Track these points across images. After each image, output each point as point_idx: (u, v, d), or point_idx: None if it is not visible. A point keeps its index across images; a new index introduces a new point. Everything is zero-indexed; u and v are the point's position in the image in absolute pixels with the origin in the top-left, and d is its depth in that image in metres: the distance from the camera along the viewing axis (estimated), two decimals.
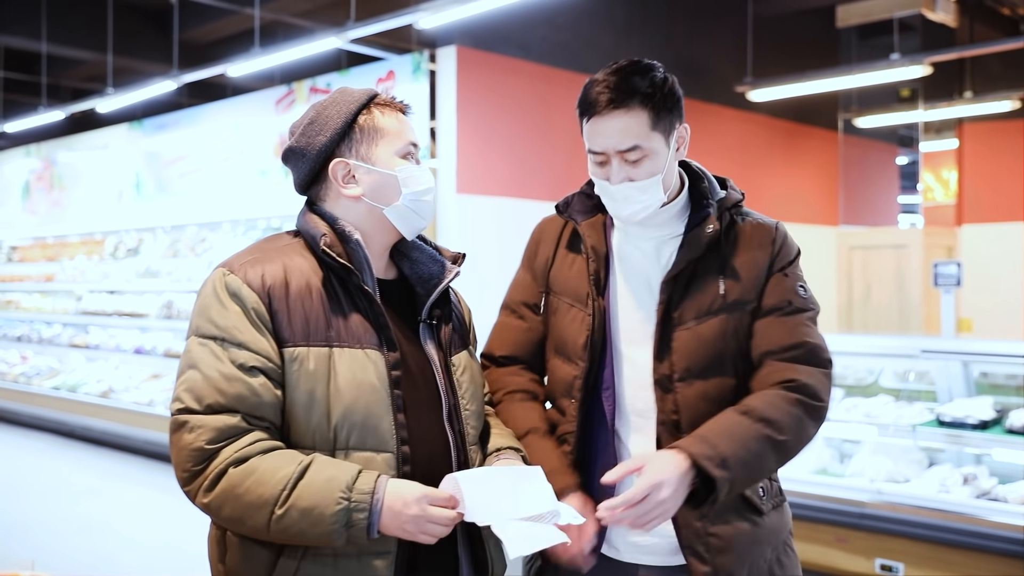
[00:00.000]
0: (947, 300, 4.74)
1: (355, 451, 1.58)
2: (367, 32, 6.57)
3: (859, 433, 4.45)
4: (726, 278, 1.76)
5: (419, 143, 1.78)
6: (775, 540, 1.80)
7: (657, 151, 1.72)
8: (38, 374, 10.00)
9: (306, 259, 1.66)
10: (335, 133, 1.68)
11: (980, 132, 10.36)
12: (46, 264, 10.61)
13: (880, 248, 9.43)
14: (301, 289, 1.62)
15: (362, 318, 1.64)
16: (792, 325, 1.76)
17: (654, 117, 1.70)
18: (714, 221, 1.77)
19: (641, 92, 1.68)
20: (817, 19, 10.08)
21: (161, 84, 8.36)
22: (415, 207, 1.71)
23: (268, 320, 1.58)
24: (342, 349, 1.60)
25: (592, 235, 1.84)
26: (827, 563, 4.18)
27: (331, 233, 1.66)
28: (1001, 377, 4.73)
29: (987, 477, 4.09)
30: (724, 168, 1.92)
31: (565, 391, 1.84)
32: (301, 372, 1.57)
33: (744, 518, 1.74)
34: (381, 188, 1.70)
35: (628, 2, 8.23)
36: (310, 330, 1.59)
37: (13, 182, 11.40)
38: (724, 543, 1.71)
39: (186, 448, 1.52)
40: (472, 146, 6.73)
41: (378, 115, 1.71)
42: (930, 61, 7.72)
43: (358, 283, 1.64)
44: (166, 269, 8.66)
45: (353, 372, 1.59)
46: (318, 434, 1.58)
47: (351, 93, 1.73)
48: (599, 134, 1.71)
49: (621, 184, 1.72)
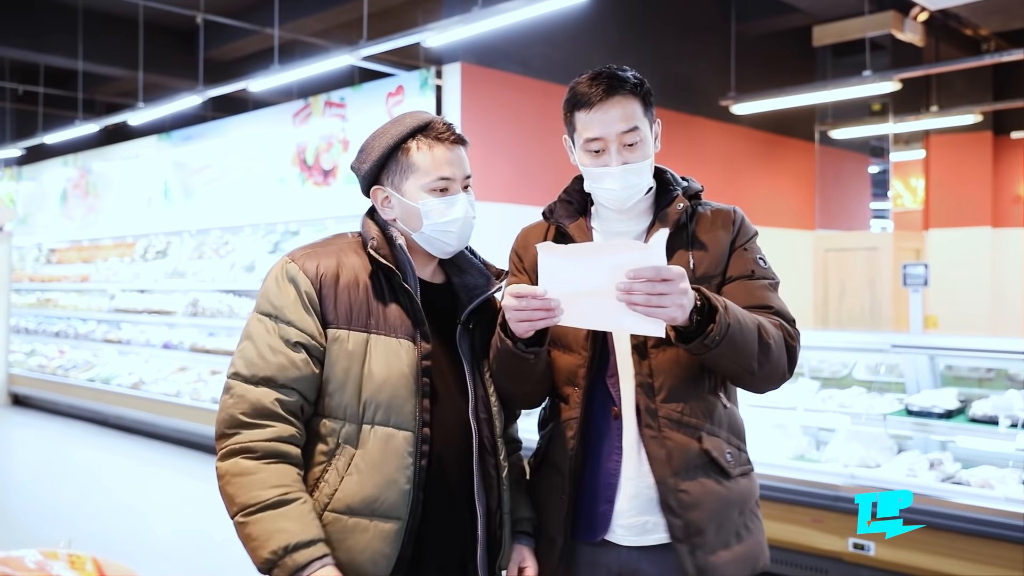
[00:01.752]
0: (915, 299, 4.74)
1: (380, 426, 1.67)
2: (378, 50, 6.57)
3: (834, 422, 4.45)
4: (695, 253, 1.80)
5: (457, 175, 1.78)
6: (742, 505, 1.81)
7: (647, 137, 1.78)
8: (75, 367, 10.01)
9: (359, 256, 1.77)
10: (374, 164, 1.78)
11: (945, 143, 10.36)
12: (82, 265, 10.61)
13: (853, 251, 9.43)
14: (350, 281, 1.73)
15: (401, 312, 1.73)
16: (755, 288, 1.80)
17: (643, 105, 1.78)
18: (683, 200, 1.82)
19: (630, 83, 1.76)
20: (795, 38, 10.08)
21: (187, 99, 8.37)
22: (438, 236, 1.77)
23: (317, 304, 1.70)
24: (378, 336, 1.70)
25: (579, 235, 1.86)
26: (804, 542, 4.18)
27: (380, 237, 1.77)
28: (964, 370, 4.73)
29: (951, 462, 4.09)
30: (709, 176, 1.95)
31: (568, 379, 1.83)
32: (340, 351, 1.68)
33: (712, 478, 1.75)
34: (408, 217, 1.78)
35: (621, 22, 8.23)
36: (352, 316, 1.70)
37: (52, 190, 11.40)
38: (694, 499, 1.72)
39: (224, 411, 1.66)
40: (475, 155, 6.69)
41: (414, 150, 1.76)
42: (899, 78, 7.72)
43: (400, 282, 1.73)
44: (192, 270, 8.65)
45: (386, 357, 1.69)
46: (349, 408, 1.68)
47: (400, 123, 1.78)
48: (599, 122, 1.75)
49: (621, 167, 1.75)
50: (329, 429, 1.68)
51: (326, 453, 1.68)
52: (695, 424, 1.75)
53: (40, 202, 11.65)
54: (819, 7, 8.74)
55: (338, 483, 1.65)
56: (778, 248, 10.07)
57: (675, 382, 1.75)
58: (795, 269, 9.68)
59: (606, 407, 1.81)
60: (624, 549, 1.80)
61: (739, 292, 1.78)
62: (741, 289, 1.79)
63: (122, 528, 5.56)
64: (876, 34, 8.58)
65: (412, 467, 1.67)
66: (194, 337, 8.75)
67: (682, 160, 8.66)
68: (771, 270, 1.85)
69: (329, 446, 1.68)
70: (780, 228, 10.12)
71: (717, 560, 1.73)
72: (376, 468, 1.65)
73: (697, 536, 1.72)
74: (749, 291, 1.79)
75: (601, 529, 1.80)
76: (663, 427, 1.74)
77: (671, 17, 8.98)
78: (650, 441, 1.74)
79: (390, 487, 1.65)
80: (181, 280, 8.73)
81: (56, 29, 9.64)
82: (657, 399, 1.74)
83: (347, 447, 1.67)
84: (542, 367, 1.78)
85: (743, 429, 1.88)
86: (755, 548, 1.82)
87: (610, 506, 1.78)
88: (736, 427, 1.85)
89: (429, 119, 1.78)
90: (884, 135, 10.65)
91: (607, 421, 1.80)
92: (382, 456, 1.65)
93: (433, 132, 1.77)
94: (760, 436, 4.55)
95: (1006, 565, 3.59)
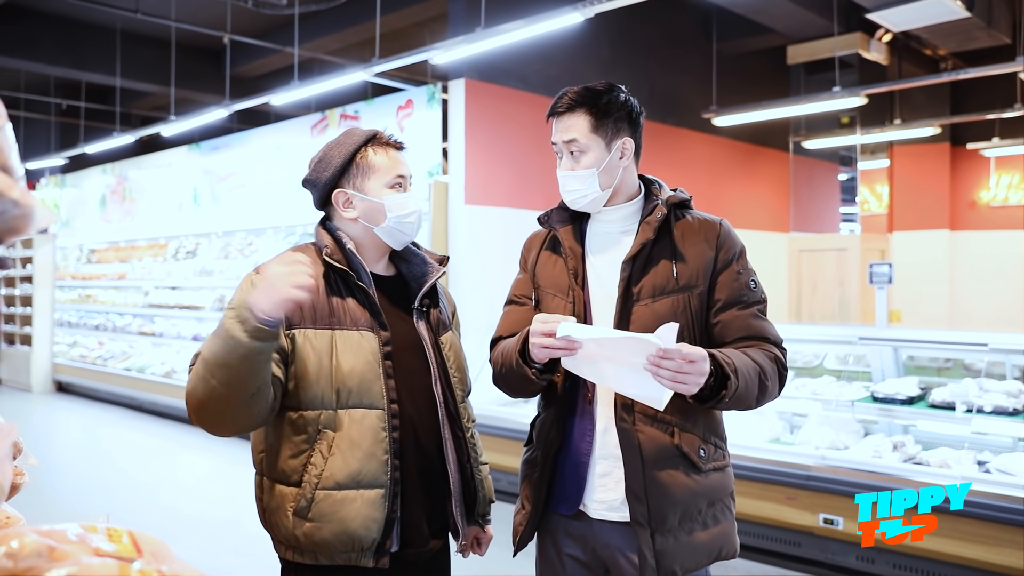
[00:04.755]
0: (880, 295, 4.74)
1: (353, 408, 1.72)
2: (389, 67, 6.56)
3: (806, 408, 4.45)
4: (677, 263, 1.79)
5: (408, 174, 1.87)
6: (712, 497, 1.78)
7: (592, 149, 1.79)
8: (112, 357, 10.00)
9: (316, 263, 1.78)
10: (335, 170, 1.83)
11: (908, 153, 10.36)
12: (119, 264, 10.59)
13: (824, 251, 9.43)
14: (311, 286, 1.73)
15: (359, 307, 1.78)
16: (749, 317, 1.79)
17: (594, 123, 1.79)
18: (662, 209, 1.82)
19: (588, 103, 1.79)
20: (771, 57, 10.07)
21: (215, 112, 8.35)
22: (399, 227, 1.84)
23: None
24: (342, 331, 1.74)
25: (569, 239, 1.88)
26: (779, 518, 4.18)
27: (333, 244, 1.81)
28: (925, 360, 4.74)
29: (913, 445, 4.09)
30: (692, 182, 1.95)
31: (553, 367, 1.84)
32: (310, 349, 1.71)
33: (683, 472, 1.74)
34: (371, 213, 1.83)
35: (612, 41, 8.21)
36: (316, 316, 1.73)
37: (92, 196, 11.38)
38: (660, 490, 1.72)
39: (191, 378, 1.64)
40: (479, 163, 6.72)
41: (371, 154, 1.83)
42: (866, 93, 7.71)
43: (355, 281, 1.78)
44: (219, 269, 8.64)
45: (351, 349, 1.73)
46: (325, 397, 1.71)
47: (353, 135, 1.86)
48: (554, 131, 1.84)
49: (565, 172, 1.82)
50: (308, 419, 1.71)
51: (308, 440, 1.71)
52: (668, 420, 1.74)
53: (81, 207, 11.64)
54: (793, 28, 8.72)
55: (324, 464, 1.69)
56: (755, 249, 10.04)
57: None
58: (771, 268, 9.68)
59: (583, 393, 1.83)
60: (598, 522, 1.80)
61: (734, 324, 1.77)
62: (737, 321, 1.78)
63: (155, 504, 5.56)
64: (845, 53, 8.57)
65: (387, 440, 1.72)
66: None
67: (669, 168, 8.64)
68: (760, 290, 1.84)
69: (309, 434, 1.71)
70: (757, 230, 10.11)
71: (677, 545, 1.72)
72: (355, 445, 1.70)
73: (659, 521, 1.71)
74: (745, 322, 1.78)
75: (573, 503, 1.81)
76: (637, 421, 1.74)
77: (658, 36, 8.97)
78: (623, 432, 1.74)
79: (370, 460, 1.70)
80: (209, 278, 8.72)
81: (96, 49, 9.63)
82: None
83: (327, 431, 1.70)
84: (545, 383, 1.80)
85: (721, 425, 1.86)
86: (720, 538, 1.80)
87: (581, 483, 1.80)
88: (714, 425, 1.82)
89: (376, 131, 1.87)
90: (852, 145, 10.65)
91: (583, 405, 1.82)
92: (359, 434, 1.70)
93: (382, 140, 1.85)
94: (739, 421, 4.55)
95: (962, 537, 3.60)
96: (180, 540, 4.52)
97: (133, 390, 9.32)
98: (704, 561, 1.77)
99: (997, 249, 9.99)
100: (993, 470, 3.73)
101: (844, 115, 10.17)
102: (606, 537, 1.79)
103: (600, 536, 1.80)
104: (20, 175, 0.62)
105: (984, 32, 8.26)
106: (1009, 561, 3.50)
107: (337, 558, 1.69)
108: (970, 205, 10.45)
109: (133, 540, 0.59)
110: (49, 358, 11.04)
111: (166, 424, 8.55)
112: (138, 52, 9.78)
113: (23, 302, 11.46)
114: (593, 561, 1.84)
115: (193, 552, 4.39)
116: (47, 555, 0.53)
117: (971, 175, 10.49)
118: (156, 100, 12.07)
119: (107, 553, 0.56)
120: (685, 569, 1.73)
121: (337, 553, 1.68)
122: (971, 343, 4.14)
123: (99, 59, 9.66)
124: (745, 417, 4.57)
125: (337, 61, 9.71)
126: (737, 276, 1.80)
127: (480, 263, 6.52)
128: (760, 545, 4.25)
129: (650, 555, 1.71)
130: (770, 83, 10.27)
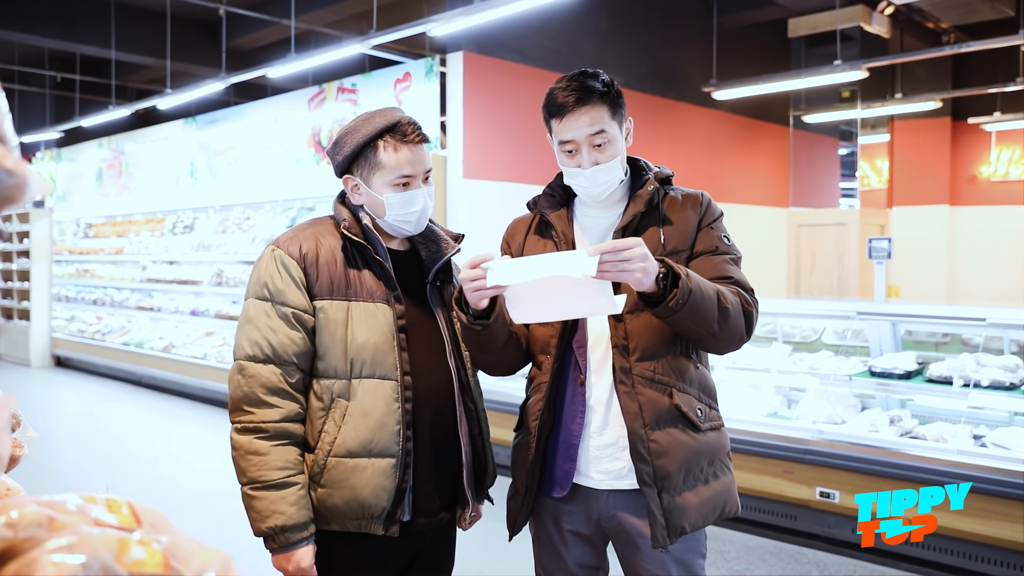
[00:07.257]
0: (879, 270, 4.73)
1: (367, 379, 1.76)
2: (387, 39, 6.51)
3: (804, 382, 4.47)
4: (665, 229, 1.81)
5: (418, 172, 1.84)
6: (711, 455, 1.81)
7: (615, 137, 1.78)
8: (111, 332, 10.01)
9: (335, 236, 1.85)
10: (346, 158, 1.84)
11: (908, 128, 10.32)
12: (116, 239, 10.57)
13: (823, 226, 9.42)
14: (328, 258, 1.81)
15: (376, 280, 1.82)
16: (719, 262, 1.81)
17: (611, 110, 1.77)
18: (653, 182, 1.84)
19: (598, 91, 1.76)
20: (771, 30, 10.00)
21: (211, 85, 8.30)
22: (398, 223, 1.86)
23: (304, 280, 1.78)
24: (358, 303, 1.79)
25: (560, 223, 1.89)
26: (776, 491, 4.21)
27: (351, 218, 1.86)
28: (923, 335, 4.74)
29: (910, 419, 4.11)
30: (692, 156, 1.95)
31: (542, 348, 1.87)
32: (327, 318, 1.77)
33: (682, 431, 1.76)
34: (374, 206, 1.86)
35: (611, 14, 8.14)
36: (334, 288, 1.78)
37: (88, 169, 11.32)
38: (663, 448, 1.73)
39: (238, 389, 1.75)
40: (477, 137, 6.69)
41: (382, 149, 1.81)
42: (867, 67, 7.66)
43: (372, 255, 1.82)
44: (216, 243, 8.62)
45: (366, 320, 1.77)
46: (339, 367, 1.76)
47: (371, 123, 1.83)
48: (570, 128, 1.77)
49: (592, 168, 1.78)
50: (323, 388, 1.77)
51: (323, 408, 1.76)
52: (666, 382, 1.76)
53: (78, 181, 11.59)
54: (794, 1, 8.65)
55: (336, 432, 1.74)
56: (755, 223, 10.06)
57: (648, 344, 1.76)
58: (770, 243, 9.67)
59: (574, 374, 1.83)
60: (603, 494, 1.82)
61: (704, 266, 1.79)
62: (706, 263, 1.80)
63: (154, 476, 5.59)
64: (846, 26, 8.51)
65: (399, 410, 1.76)
66: (219, 305, 8.74)
67: (668, 142, 8.61)
68: (734, 247, 1.87)
69: (324, 402, 1.76)
70: (757, 205, 10.09)
71: (683, 502, 1.75)
72: (368, 414, 1.74)
73: (664, 480, 1.73)
74: (713, 265, 1.80)
75: (564, 485, 1.83)
76: (636, 384, 1.75)
77: (657, 9, 8.90)
78: (623, 396, 1.76)
79: (381, 429, 1.74)
80: (207, 252, 8.70)
81: (91, 21, 9.54)
82: (631, 359, 1.76)
83: (340, 400, 1.75)
84: (500, 339, 1.79)
85: (714, 389, 1.89)
86: (723, 493, 1.83)
87: (572, 464, 1.82)
88: (707, 387, 1.85)
89: (397, 119, 1.82)
90: (853, 120, 10.61)
91: (574, 387, 1.83)
92: (372, 404, 1.75)
93: (399, 133, 1.81)
94: (737, 395, 4.57)
95: (959, 511, 3.62)
96: (180, 512, 4.54)
97: (132, 364, 9.34)
98: (711, 517, 1.80)
99: (997, 224, 9.98)
100: (989, 444, 3.75)
101: (845, 89, 10.12)
102: (612, 507, 1.81)
103: (606, 508, 1.82)
104: (14, 144, 0.62)
105: (987, 5, 8.20)
106: (1005, 534, 3.53)
107: (348, 524, 1.74)
108: (970, 180, 10.43)
109: (132, 511, 0.60)
110: (47, 333, 11.06)
111: (164, 398, 8.58)
112: (133, 24, 9.69)
113: (20, 276, 11.45)
114: (595, 534, 1.86)
115: (193, 524, 4.42)
116: (47, 525, 0.53)
117: (972, 150, 10.45)
118: (152, 73, 11.98)
119: (107, 523, 0.56)
120: (693, 526, 1.76)
121: (348, 520, 1.74)
122: (969, 318, 4.14)
123: (94, 31, 9.57)
124: (743, 391, 4.58)
125: (334, 33, 9.63)
126: (710, 230, 1.84)
127: (478, 237, 6.50)
128: (757, 518, 4.28)
129: (659, 514, 1.72)
130: (771, 56, 10.21)
